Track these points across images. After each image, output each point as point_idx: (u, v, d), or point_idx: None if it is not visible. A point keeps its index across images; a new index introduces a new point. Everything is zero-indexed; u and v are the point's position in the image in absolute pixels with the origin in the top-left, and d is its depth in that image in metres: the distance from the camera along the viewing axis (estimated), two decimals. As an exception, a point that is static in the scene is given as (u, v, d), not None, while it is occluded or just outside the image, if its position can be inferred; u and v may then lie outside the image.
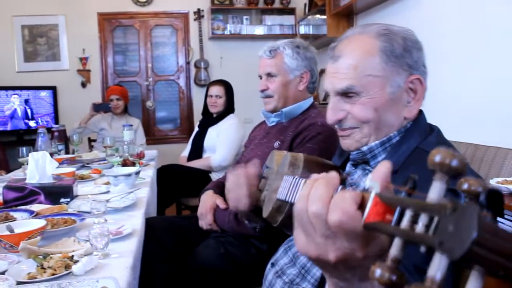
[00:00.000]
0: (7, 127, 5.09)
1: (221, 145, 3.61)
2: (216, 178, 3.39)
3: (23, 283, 1.06)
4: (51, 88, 5.41)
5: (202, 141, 3.77)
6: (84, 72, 5.69)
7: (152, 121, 6.01)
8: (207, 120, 3.83)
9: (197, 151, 3.79)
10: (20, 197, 1.83)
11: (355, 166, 1.19)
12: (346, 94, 1.10)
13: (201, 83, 5.86)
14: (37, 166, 2.02)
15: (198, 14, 5.86)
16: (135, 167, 2.45)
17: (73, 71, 5.67)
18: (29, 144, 2.94)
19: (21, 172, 2.64)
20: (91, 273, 1.13)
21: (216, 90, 3.72)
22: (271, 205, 1.09)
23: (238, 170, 1.42)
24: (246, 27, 5.90)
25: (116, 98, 4.42)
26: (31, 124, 5.18)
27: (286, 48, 1.96)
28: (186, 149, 3.95)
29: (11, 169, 3.43)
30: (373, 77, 1.07)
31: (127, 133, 3.03)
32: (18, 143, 4.78)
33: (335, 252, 0.56)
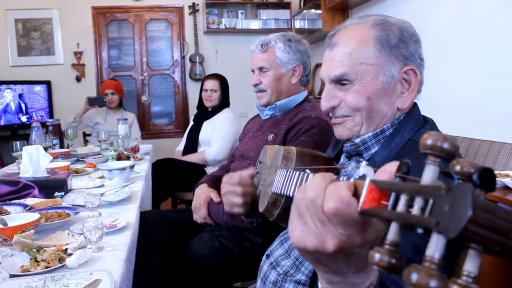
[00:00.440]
0: (1, 122, 5.06)
1: (216, 139, 3.61)
2: (211, 172, 3.40)
3: (17, 276, 1.06)
4: (46, 83, 5.38)
5: (197, 135, 3.77)
6: (79, 67, 5.67)
7: (147, 116, 5.99)
8: (202, 114, 3.83)
9: (192, 145, 3.79)
10: (14, 191, 1.82)
11: (349, 158, 1.20)
12: (340, 82, 1.11)
13: (196, 77, 5.85)
14: (31, 160, 2.02)
15: (193, 8, 5.84)
16: (130, 161, 2.45)
17: (68, 66, 5.64)
18: (23, 139, 2.93)
19: (15, 166, 2.63)
20: (85, 266, 1.13)
21: (211, 84, 3.72)
22: (267, 200, 1.09)
23: (232, 175, 1.42)
24: (241, 22, 5.88)
25: (111, 93, 4.41)
26: (23, 119, 5.15)
27: (278, 42, 1.95)
28: (181, 143, 3.95)
29: (5, 164, 3.42)
30: (367, 65, 1.08)
31: (122, 127, 3.02)
32: (12, 138, 4.76)
33: (333, 240, 0.56)
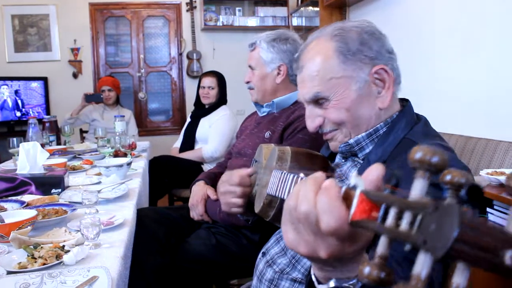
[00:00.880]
0: (-2, 118, 5.06)
1: (213, 137, 3.61)
2: (208, 169, 3.40)
3: (14, 273, 1.06)
4: (43, 79, 5.36)
5: (194, 132, 3.77)
6: (76, 63, 5.65)
7: (144, 113, 5.99)
8: (199, 111, 3.83)
9: (189, 143, 3.79)
10: (11, 188, 1.82)
11: (344, 158, 1.20)
12: (317, 101, 1.12)
13: (194, 75, 5.84)
14: (28, 157, 2.01)
15: (191, 5, 5.83)
16: (127, 158, 2.45)
17: (65, 62, 5.62)
18: (20, 135, 2.92)
19: (12, 163, 2.63)
20: (82, 263, 1.13)
21: (209, 82, 3.71)
22: (262, 201, 1.09)
23: (231, 174, 1.43)
24: (239, 19, 5.87)
25: (108, 89, 4.41)
26: (18, 114, 5.13)
27: (262, 42, 1.98)
28: (178, 141, 3.95)
29: (2, 160, 3.41)
30: (336, 79, 1.08)
31: (119, 124, 3.02)
32: (9, 134, 4.75)
33: (326, 250, 0.57)
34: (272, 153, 1.18)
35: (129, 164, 2.25)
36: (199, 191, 1.99)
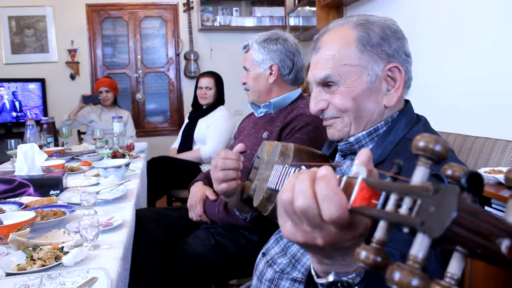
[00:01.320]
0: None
1: (211, 137, 3.61)
2: (206, 170, 3.39)
3: (13, 275, 1.06)
4: (40, 80, 5.36)
5: (192, 133, 3.77)
6: (73, 64, 5.65)
7: (142, 114, 5.98)
8: (197, 112, 3.83)
9: (187, 143, 3.79)
10: (9, 190, 1.82)
11: (344, 157, 1.20)
12: (326, 84, 1.13)
13: (191, 75, 5.84)
14: (26, 158, 2.01)
15: (188, 6, 5.83)
16: (125, 159, 2.45)
17: (62, 63, 5.62)
18: (18, 137, 2.92)
19: (10, 165, 2.62)
20: (81, 264, 1.13)
21: (206, 82, 3.71)
22: (262, 194, 1.09)
23: (228, 151, 1.43)
24: (236, 19, 5.87)
25: (106, 90, 4.41)
26: (15, 116, 5.12)
27: (254, 43, 2.01)
28: (176, 141, 3.95)
29: (0, 162, 3.41)
30: (350, 66, 1.09)
31: (117, 125, 3.02)
32: (7, 136, 4.74)
33: (324, 238, 0.58)
34: (275, 149, 1.18)
35: (127, 165, 2.25)
36: (198, 192, 1.99)
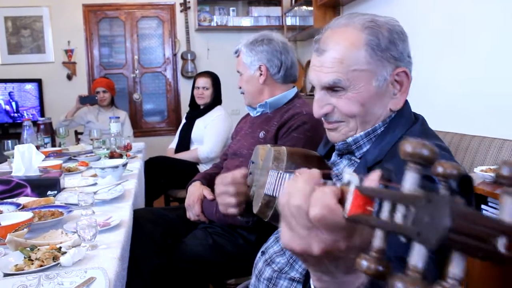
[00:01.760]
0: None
1: (209, 137, 3.61)
2: (204, 170, 3.40)
3: (11, 275, 1.06)
4: (37, 81, 5.35)
5: (190, 133, 3.77)
6: (70, 65, 5.64)
7: (139, 114, 5.98)
8: (195, 112, 3.83)
9: (185, 143, 3.78)
10: (6, 190, 1.82)
11: (341, 156, 1.20)
12: (332, 88, 1.09)
13: (188, 75, 5.83)
14: (23, 159, 2.01)
15: (185, 6, 5.82)
16: (122, 159, 2.45)
17: (59, 64, 5.61)
18: (15, 138, 2.91)
19: (7, 165, 2.62)
20: (79, 264, 1.14)
21: (203, 82, 3.71)
22: (260, 201, 1.10)
23: (225, 176, 1.42)
24: (233, 19, 5.87)
25: (103, 91, 4.40)
26: (12, 116, 5.11)
27: (243, 47, 2.05)
28: (174, 141, 3.95)
29: (-3, 163, 3.40)
30: (359, 72, 1.06)
31: (114, 125, 3.02)
32: (3, 137, 4.73)
33: (319, 245, 0.57)
34: (268, 154, 1.18)
35: (125, 165, 2.25)
36: (195, 192, 1.99)
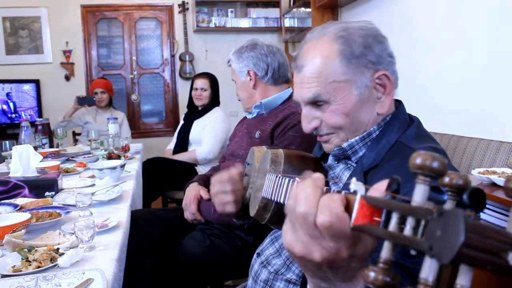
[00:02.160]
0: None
1: (207, 138, 3.62)
2: (202, 171, 3.40)
3: (8, 276, 1.06)
4: (34, 82, 5.34)
5: (188, 134, 3.77)
6: (68, 65, 5.63)
7: (137, 115, 5.97)
8: (193, 113, 3.83)
9: (183, 144, 3.79)
10: (4, 191, 1.81)
11: (337, 160, 1.20)
12: (316, 103, 1.10)
13: (186, 76, 5.83)
14: (21, 160, 2.01)
15: (183, 7, 5.83)
16: (120, 160, 2.45)
17: (57, 64, 5.60)
18: (12, 138, 2.91)
19: (5, 166, 2.61)
20: (77, 266, 1.13)
21: (201, 83, 3.71)
22: (257, 204, 1.10)
23: (221, 174, 1.42)
24: (231, 20, 5.86)
25: (101, 91, 4.40)
26: (10, 117, 5.11)
27: (232, 56, 2.15)
28: (172, 142, 3.95)
29: (-6, 164, 3.40)
30: (338, 83, 1.05)
31: (112, 126, 3.02)
32: (1, 137, 4.72)
33: (320, 252, 0.57)
34: (265, 156, 1.18)
35: (123, 166, 2.25)
36: (192, 191, 2.00)
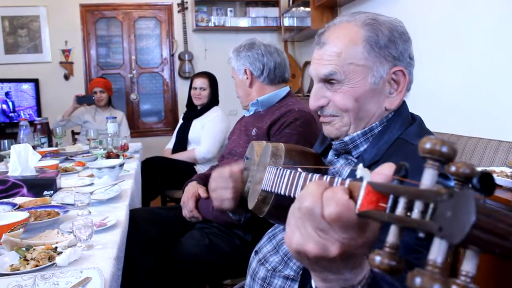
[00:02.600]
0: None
1: (206, 138, 3.61)
2: (201, 170, 3.40)
3: (6, 275, 1.06)
4: (33, 81, 5.33)
5: (187, 134, 3.76)
6: (67, 65, 5.63)
7: (137, 114, 5.97)
8: (192, 113, 3.83)
9: (182, 144, 3.78)
10: (2, 190, 1.81)
11: (338, 156, 1.20)
12: (329, 81, 1.11)
13: (185, 76, 5.83)
14: (19, 159, 2.01)
15: (182, 6, 5.82)
16: (119, 159, 2.45)
17: (56, 64, 5.60)
18: (11, 138, 2.91)
19: (3, 165, 2.61)
20: (75, 264, 1.13)
21: (200, 83, 3.71)
22: (256, 197, 1.09)
23: (222, 170, 1.41)
24: (230, 19, 5.86)
25: (100, 91, 4.39)
26: (8, 116, 5.10)
27: (232, 55, 2.16)
28: (171, 142, 3.95)
29: (-7, 163, 3.39)
30: (356, 66, 1.07)
31: (111, 126, 3.02)
32: (0, 136, 4.72)
33: (336, 245, 0.56)
34: (265, 150, 1.18)
35: (122, 166, 2.25)
36: (190, 190, 2.00)
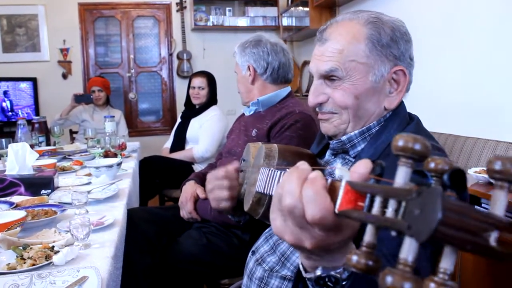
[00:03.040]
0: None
1: (204, 137, 3.61)
2: (199, 169, 3.39)
3: (3, 274, 1.06)
4: (31, 80, 5.32)
5: (185, 133, 3.76)
6: (65, 64, 5.62)
7: (135, 113, 5.96)
8: (190, 112, 3.83)
9: (180, 143, 3.78)
10: (0, 189, 1.81)
11: (335, 155, 1.20)
12: (329, 78, 1.10)
13: (184, 75, 5.83)
14: (17, 158, 2.00)
15: (181, 5, 5.82)
16: (117, 159, 2.44)
17: (54, 62, 5.59)
18: (9, 136, 2.90)
19: (1, 164, 2.61)
20: (72, 263, 1.13)
21: (199, 82, 3.71)
22: (251, 199, 1.09)
23: (217, 171, 1.41)
24: (229, 19, 5.87)
25: (98, 90, 4.39)
26: (6, 115, 5.09)
27: (237, 49, 2.13)
28: (169, 141, 3.94)
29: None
30: (357, 63, 1.07)
31: (109, 125, 3.01)
32: (-2, 135, 4.71)
33: (311, 241, 0.58)
34: (259, 151, 1.18)
35: (119, 165, 2.25)
36: (189, 190, 2.00)
